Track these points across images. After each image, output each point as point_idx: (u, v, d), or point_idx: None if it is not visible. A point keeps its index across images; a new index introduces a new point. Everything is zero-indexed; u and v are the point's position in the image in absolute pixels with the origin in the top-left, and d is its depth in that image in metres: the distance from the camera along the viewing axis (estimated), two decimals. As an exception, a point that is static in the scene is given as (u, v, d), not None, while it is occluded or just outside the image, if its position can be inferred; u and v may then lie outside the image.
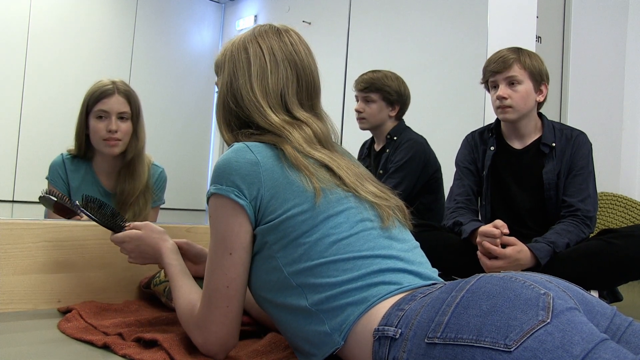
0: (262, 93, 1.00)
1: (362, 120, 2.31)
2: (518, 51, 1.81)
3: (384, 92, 2.25)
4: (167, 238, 1.19)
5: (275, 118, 0.98)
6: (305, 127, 0.99)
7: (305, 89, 1.03)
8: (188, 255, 1.28)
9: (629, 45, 3.62)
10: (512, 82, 1.77)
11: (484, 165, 1.90)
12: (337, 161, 0.97)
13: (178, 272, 1.10)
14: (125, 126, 1.73)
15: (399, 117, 2.32)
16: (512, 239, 1.58)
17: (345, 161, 0.99)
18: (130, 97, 1.74)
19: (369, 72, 2.33)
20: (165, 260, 1.14)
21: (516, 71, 1.77)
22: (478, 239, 1.60)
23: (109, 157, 1.75)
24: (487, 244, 1.57)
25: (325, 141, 1.01)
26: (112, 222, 1.25)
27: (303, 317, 0.88)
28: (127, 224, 1.25)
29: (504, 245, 1.58)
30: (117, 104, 1.71)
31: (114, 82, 1.74)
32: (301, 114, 1.01)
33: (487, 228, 1.58)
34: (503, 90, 1.77)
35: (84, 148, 1.75)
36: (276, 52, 1.01)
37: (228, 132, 1.03)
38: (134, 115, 1.76)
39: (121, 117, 1.72)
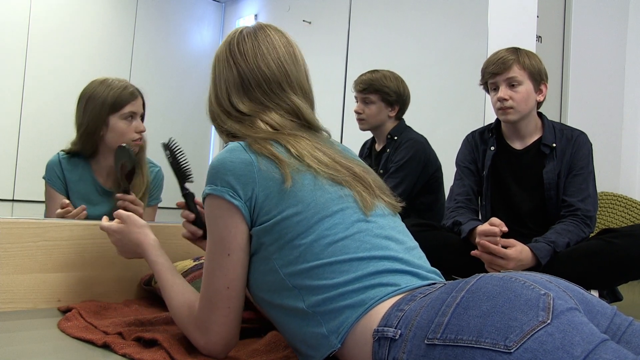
0: (217, 101, 1.05)
1: (362, 121, 2.31)
2: (516, 51, 1.80)
3: (382, 93, 2.25)
4: (148, 232, 1.16)
5: (229, 122, 1.02)
6: (255, 120, 1.00)
7: (256, 84, 1.02)
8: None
9: (629, 45, 3.62)
10: (512, 84, 1.77)
11: (484, 165, 1.89)
12: (285, 137, 0.97)
13: (166, 269, 1.08)
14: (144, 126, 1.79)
15: (399, 116, 2.31)
16: (511, 240, 1.58)
17: (299, 139, 0.97)
18: (144, 99, 1.80)
19: (368, 72, 2.32)
20: (150, 258, 1.11)
21: (516, 72, 1.76)
22: (477, 239, 1.60)
23: (111, 157, 1.75)
24: (487, 244, 1.56)
25: (281, 127, 1.00)
26: (182, 175, 1.26)
27: (300, 318, 0.88)
28: (188, 190, 1.25)
29: (504, 247, 1.58)
30: (141, 106, 1.77)
31: (126, 82, 1.77)
32: (246, 108, 1.02)
33: (485, 227, 1.57)
34: (504, 91, 1.77)
35: (93, 147, 1.75)
36: (220, 57, 1.06)
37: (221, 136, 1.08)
38: (144, 115, 1.82)
39: (141, 118, 1.78)
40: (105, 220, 1.25)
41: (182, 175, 1.25)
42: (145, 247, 1.13)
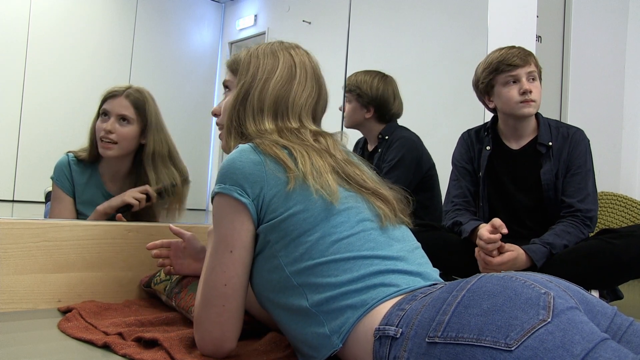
0: (273, 98, 1.02)
1: (344, 119, 2.34)
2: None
3: (355, 94, 2.28)
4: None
5: (269, 126, 1.01)
6: (304, 133, 1.02)
7: (322, 107, 1.10)
8: (189, 250, 1.28)
9: (629, 45, 3.62)
10: (532, 77, 1.76)
11: (480, 165, 1.88)
12: (302, 150, 0.96)
13: None
14: (126, 130, 1.69)
15: (383, 119, 2.29)
16: (508, 245, 1.58)
17: (319, 156, 0.97)
18: (136, 102, 1.71)
19: (356, 72, 2.36)
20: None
21: (533, 67, 1.77)
22: (478, 241, 1.59)
23: (112, 160, 1.75)
24: (483, 255, 1.57)
25: (327, 146, 1.02)
26: None
27: (303, 318, 0.88)
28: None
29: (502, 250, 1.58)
30: (119, 105, 1.69)
31: (128, 87, 1.74)
32: (310, 124, 1.06)
33: (484, 232, 1.56)
34: (528, 84, 1.75)
35: (95, 150, 1.74)
36: (307, 67, 1.07)
37: (229, 138, 1.05)
38: (139, 120, 1.71)
39: (122, 119, 1.69)
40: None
41: None
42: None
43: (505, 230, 1.53)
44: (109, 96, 1.71)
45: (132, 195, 1.65)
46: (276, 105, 1.02)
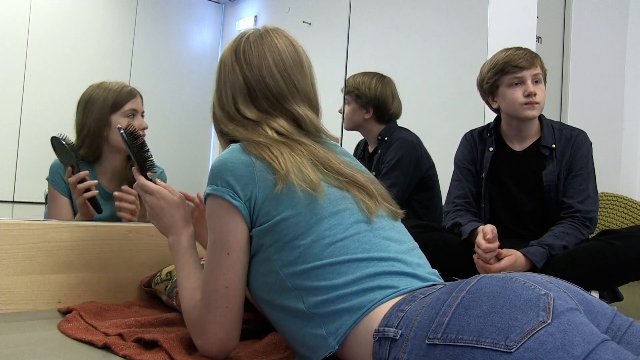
0: (220, 105, 1.05)
1: (344, 121, 2.34)
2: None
3: (354, 95, 2.28)
4: (190, 225, 1.12)
5: (231, 126, 1.03)
6: (261, 125, 1.00)
7: (262, 95, 1.02)
8: (202, 218, 1.28)
9: (629, 45, 3.62)
10: (536, 80, 1.76)
11: (482, 166, 1.88)
12: (281, 147, 0.95)
13: (193, 261, 1.06)
14: (145, 126, 1.81)
15: (382, 119, 2.29)
16: (505, 250, 1.58)
17: (295, 149, 0.96)
18: (142, 98, 1.83)
19: (354, 74, 2.36)
20: (184, 243, 1.07)
21: (538, 69, 1.76)
22: (476, 248, 1.60)
23: (115, 159, 1.76)
24: (482, 263, 1.57)
25: (288, 132, 1.00)
26: (143, 160, 1.16)
27: (300, 319, 0.88)
28: (155, 179, 1.15)
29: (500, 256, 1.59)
30: (140, 104, 1.80)
31: (125, 83, 1.80)
32: (253, 115, 1.02)
33: (482, 241, 1.56)
34: (533, 86, 1.75)
35: (100, 148, 1.75)
36: (226, 59, 1.06)
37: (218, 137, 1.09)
38: (144, 115, 1.83)
39: (142, 116, 1.80)
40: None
41: (143, 164, 1.17)
42: (182, 235, 1.09)
43: (496, 244, 1.55)
44: (131, 95, 1.77)
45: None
46: (223, 111, 1.05)
